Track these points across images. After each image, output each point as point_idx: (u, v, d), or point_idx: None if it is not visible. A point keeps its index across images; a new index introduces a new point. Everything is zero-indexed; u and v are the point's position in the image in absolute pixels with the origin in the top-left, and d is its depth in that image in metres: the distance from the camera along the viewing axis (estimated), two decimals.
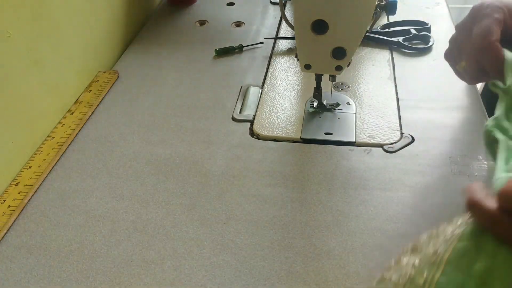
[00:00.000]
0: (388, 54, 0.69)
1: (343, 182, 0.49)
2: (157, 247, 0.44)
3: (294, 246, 0.43)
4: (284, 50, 0.73)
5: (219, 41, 0.75)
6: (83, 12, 0.65)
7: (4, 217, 0.47)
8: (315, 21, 0.47)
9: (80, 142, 0.57)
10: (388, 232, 0.43)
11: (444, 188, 0.47)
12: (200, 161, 0.53)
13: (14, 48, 0.52)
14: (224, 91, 0.64)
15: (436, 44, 0.69)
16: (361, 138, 0.54)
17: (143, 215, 0.47)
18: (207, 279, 0.40)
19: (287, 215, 0.46)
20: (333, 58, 0.49)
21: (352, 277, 0.40)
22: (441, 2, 0.82)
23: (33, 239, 0.45)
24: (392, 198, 0.47)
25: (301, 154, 0.53)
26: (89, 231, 0.46)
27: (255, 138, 0.56)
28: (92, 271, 0.42)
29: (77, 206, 0.48)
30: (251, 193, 0.49)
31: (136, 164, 0.53)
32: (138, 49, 0.75)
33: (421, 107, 0.58)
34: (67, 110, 0.62)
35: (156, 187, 0.50)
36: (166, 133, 0.57)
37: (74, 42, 0.64)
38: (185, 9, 0.86)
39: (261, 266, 0.41)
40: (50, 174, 0.52)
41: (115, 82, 0.67)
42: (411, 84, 0.63)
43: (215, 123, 0.58)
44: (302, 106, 0.60)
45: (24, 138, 0.54)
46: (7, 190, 0.50)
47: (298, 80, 0.66)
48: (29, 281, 0.41)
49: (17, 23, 0.52)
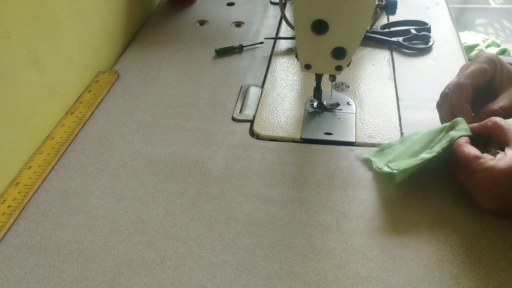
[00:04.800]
0: (388, 54, 0.69)
1: (343, 182, 0.49)
2: (157, 247, 0.44)
3: (294, 246, 0.43)
4: (284, 50, 0.73)
5: (219, 41, 0.75)
6: (83, 12, 0.65)
7: (4, 217, 0.47)
8: (315, 21, 0.47)
9: (80, 142, 0.57)
10: (388, 232, 0.43)
11: (444, 188, 0.47)
12: (200, 161, 0.53)
13: (14, 48, 0.52)
14: (224, 91, 0.64)
15: (436, 44, 0.69)
16: (361, 138, 0.54)
17: (143, 215, 0.47)
18: (207, 279, 0.40)
19: (287, 215, 0.46)
20: (333, 58, 0.49)
21: (352, 277, 0.40)
22: (441, 2, 0.83)
23: (33, 239, 0.45)
24: (392, 198, 0.47)
25: (301, 154, 0.53)
26: (89, 231, 0.46)
27: (255, 138, 0.56)
28: (92, 271, 0.42)
29: (77, 206, 0.48)
30: (251, 193, 0.49)
31: (136, 164, 0.53)
32: (138, 49, 0.75)
33: (421, 107, 0.58)
34: (67, 110, 0.62)
35: (156, 187, 0.50)
36: (166, 133, 0.57)
37: (74, 42, 0.64)
38: (185, 9, 0.86)
39: (261, 266, 0.41)
40: (50, 174, 0.52)
41: (115, 82, 0.67)
42: (411, 84, 0.63)
43: (215, 123, 0.58)
44: (302, 106, 0.60)
45: (24, 138, 0.54)
46: (7, 190, 0.50)
47: (298, 80, 0.66)
48: (29, 281, 0.41)
49: (17, 23, 0.52)
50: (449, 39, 0.72)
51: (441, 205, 0.46)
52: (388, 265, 0.41)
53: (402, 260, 0.41)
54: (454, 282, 0.39)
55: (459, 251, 0.41)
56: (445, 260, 0.41)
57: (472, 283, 0.39)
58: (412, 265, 0.40)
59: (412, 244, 0.42)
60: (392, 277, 0.40)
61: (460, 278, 0.39)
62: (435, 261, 0.41)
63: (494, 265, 0.40)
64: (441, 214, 0.45)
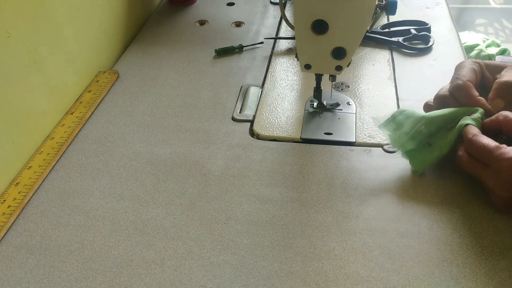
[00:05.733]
0: (388, 54, 0.69)
1: (343, 182, 0.49)
2: (157, 247, 0.44)
3: (294, 246, 0.43)
4: (284, 50, 0.73)
5: (219, 41, 0.75)
6: (83, 12, 0.65)
7: (4, 217, 0.47)
8: (315, 21, 0.47)
9: (80, 142, 0.57)
10: (388, 232, 0.43)
11: (444, 188, 0.47)
12: (200, 161, 0.53)
13: (14, 48, 0.52)
14: (224, 91, 0.64)
15: (436, 44, 0.69)
16: (361, 138, 0.54)
17: (143, 215, 0.47)
18: (207, 279, 0.40)
19: (287, 215, 0.46)
20: (333, 58, 0.49)
21: (352, 277, 0.40)
22: (441, 2, 0.83)
23: (33, 239, 0.45)
24: (392, 198, 0.47)
25: (301, 154, 0.53)
26: (89, 231, 0.46)
27: (255, 138, 0.56)
28: (92, 271, 0.42)
29: (77, 206, 0.48)
30: (251, 193, 0.49)
31: (136, 164, 0.53)
32: (138, 49, 0.75)
33: (421, 107, 0.58)
34: (67, 110, 0.62)
35: (156, 187, 0.50)
36: (166, 133, 0.57)
37: (74, 42, 0.64)
38: (185, 9, 0.86)
39: (261, 266, 0.41)
40: (50, 174, 0.53)
41: (115, 82, 0.67)
42: (411, 84, 0.63)
43: (215, 123, 0.58)
44: (302, 106, 0.60)
45: (24, 138, 0.54)
46: (7, 190, 0.50)
47: (298, 80, 0.66)
48: (29, 281, 0.41)
49: (17, 23, 0.52)
50: (449, 39, 0.72)
51: (441, 205, 0.46)
52: (388, 265, 0.41)
53: (402, 260, 0.41)
54: (454, 282, 0.39)
55: (459, 251, 0.41)
56: (445, 260, 0.41)
57: (472, 283, 0.39)
58: (412, 265, 0.40)
59: (412, 244, 0.42)
60: (392, 277, 0.40)
61: (460, 278, 0.39)
62: (435, 261, 0.41)
63: (494, 265, 0.40)
64: (441, 214, 0.45)
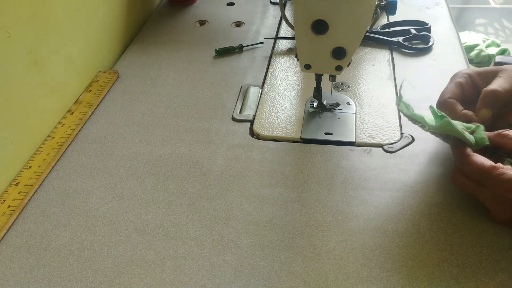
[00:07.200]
0: (388, 54, 0.69)
1: (343, 182, 0.49)
2: (157, 247, 0.44)
3: (294, 246, 0.43)
4: (284, 50, 0.73)
5: (219, 41, 0.75)
6: (83, 12, 0.65)
7: (4, 217, 0.47)
8: (315, 21, 0.47)
9: (80, 142, 0.57)
10: (388, 232, 0.43)
11: (444, 188, 0.47)
12: (200, 161, 0.53)
13: (14, 48, 0.52)
14: (224, 91, 0.64)
15: (436, 44, 0.69)
16: (361, 138, 0.54)
17: (143, 215, 0.47)
18: (207, 279, 0.40)
19: (287, 215, 0.46)
20: (333, 58, 0.49)
21: (352, 277, 0.40)
22: (441, 2, 0.83)
23: (33, 239, 0.45)
24: (392, 198, 0.47)
25: (301, 154, 0.53)
26: (89, 231, 0.46)
27: (255, 138, 0.56)
28: (92, 271, 0.42)
29: (77, 206, 0.48)
30: (251, 193, 0.49)
31: (136, 164, 0.53)
32: (138, 49, 0.75)
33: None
34: (67, 110, 0.62)
35: (156, 187, 0.50)
36: (166, 133, 0.57)
37: (74, 42, 0.64)
38: (185, 9, 0.86)
39: (261, 266, 0.41)
40: (50, 174, 0.53)
41: (115, 82, 0.67)
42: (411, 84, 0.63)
43: (215, 123, 0.58)
44: (302, 106, 0.60)
45: (24, 138, 0.54)
46: (7, 190, 0.50)
47: (298, 80, 0.66)
48: (29, 281, 0.41)
49: (17, 23, 0.52)
50: (449, 39, 0.72)
51: (441, 205, 0.46)
52: (388, 265, 0.41)
53: (402, 260, 0.41)
54: (454, 282, 0.39)
55: (459, 251, 0.41)
56: (445, 260, 0.41)
57: (472, 283, 0.39)
58: (412, 265, 0.40)
59: (412, 244, 0.42)
60: (392, 277, 0.40)
61: (460, 278, 0.39)
62: (435, 261, 0.41)
63: (494, 265, 0.40)
64: (441, 214, 0.45)
